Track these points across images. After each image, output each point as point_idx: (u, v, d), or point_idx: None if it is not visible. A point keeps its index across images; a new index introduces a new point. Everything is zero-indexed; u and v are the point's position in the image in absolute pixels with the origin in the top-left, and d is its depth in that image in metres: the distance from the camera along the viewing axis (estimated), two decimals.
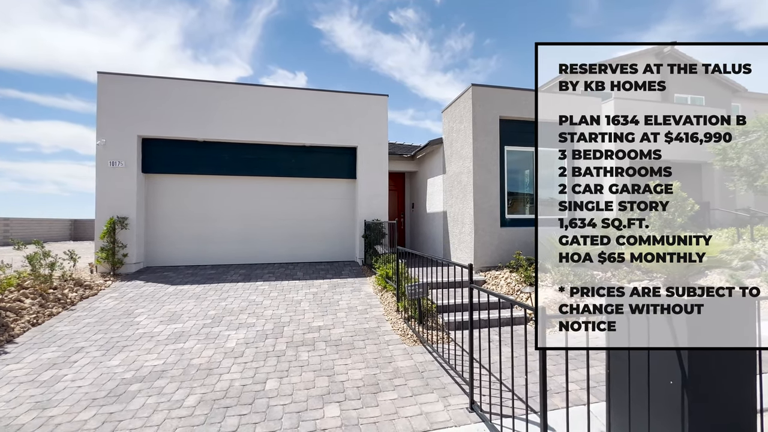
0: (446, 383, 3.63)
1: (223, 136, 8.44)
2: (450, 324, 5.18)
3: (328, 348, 4.46)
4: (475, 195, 7.18)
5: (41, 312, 5.24)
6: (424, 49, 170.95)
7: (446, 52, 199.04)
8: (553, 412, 3.02)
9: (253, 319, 5.33)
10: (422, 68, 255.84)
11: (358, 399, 3.35)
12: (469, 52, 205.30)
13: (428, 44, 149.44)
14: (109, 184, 7.71)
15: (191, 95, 8.23)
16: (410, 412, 3.14)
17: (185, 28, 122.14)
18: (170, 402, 3.29)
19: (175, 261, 8.41)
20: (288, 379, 3.71)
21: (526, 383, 2.59)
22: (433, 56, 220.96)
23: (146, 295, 6.35)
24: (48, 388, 3.53)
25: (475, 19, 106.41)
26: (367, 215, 8.86)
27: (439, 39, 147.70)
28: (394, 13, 79.21)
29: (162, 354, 4.26)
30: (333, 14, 67.98)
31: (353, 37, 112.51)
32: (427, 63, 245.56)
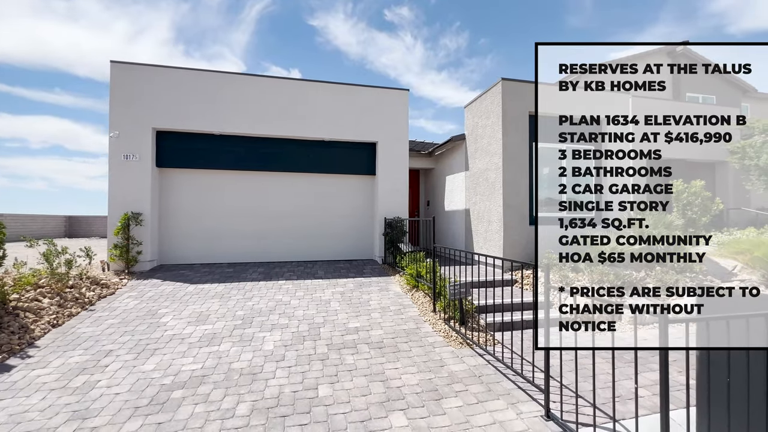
0: (509, 389, 3.43)
1: (238, 130, 8.15)
2: (491, 325, 4.98)
3: (372, 351, 4.24)
4: (504, 192, 6.99)
5: (60, 312, 4.94)
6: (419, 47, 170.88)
7: (441, 50, 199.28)
8: (629, 420, 2.84)
9: (285, 320, 5.09)
10: (417, 66, 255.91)
11: (421, 406, 3.14)
12: (463, 51, 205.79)
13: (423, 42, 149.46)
14: (122, 178, 7.39)
15: (206, 86, 7.93)
16: (482, 421, 2.94)
17: (177, 23, 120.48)
18: (221, 411, 3.05)
19: (189, 259, 8.11)
20: (340, 385, 3.49)
21: (593, 389, 2.41)
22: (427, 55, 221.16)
23: (166, 294, 6.07)
24: (83, 396, 3.27)
25: (469, 17, 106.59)
26: (386, 212, 8.64)
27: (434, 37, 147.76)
28: (389, 11, 78.94)
29: (198, 357, 4.01)
30: (327, 11, 67.50)
31: (348, 34, 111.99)
32: (422, 61, 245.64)
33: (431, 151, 10.47)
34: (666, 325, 1.99)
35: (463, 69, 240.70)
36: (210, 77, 7.98)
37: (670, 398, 2.03)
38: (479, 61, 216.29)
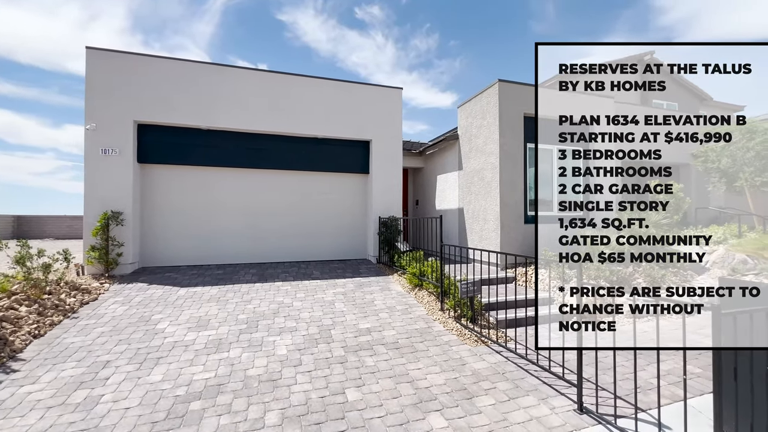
0: (535, 384, 3.49)
1: (227, 125, 7.77)
2: (501, 322, 5.05)
3: (390, 352, 4.17)
4: (501, 191, 7.13)
5: (41, 321, 4.48)
6: (390, 47, 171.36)
7: (411, 51, 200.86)
8: (653, 410, 2.97)
9: (292, 323, 4.90)
10: (388, 66, 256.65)
11: (456, 406, 3.12)
12: (434, 52, 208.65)
13: (394, 42, 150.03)
14: (100, 174, 6.83)
15: (193, 78, 7.50)
16: (520, 418, 2.96)
17: (134, 11, 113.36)
18: (249, 421, 2.87)
19: (173, 261, 7.64)
20: (368, 388, 3.39)
21: (614, 381, 2.50)
22: (398, 55, 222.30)
23: (156, 298, 5.67)
24: (88, 412, 2.97)
25: (439, 19, 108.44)
26: (381, 211, 8.57)
27: (405, 38, 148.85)
28: (360, 9, 78.58)
29: (208, 366, 3.76)
30: (296, 6, 66.16)
31: (318, 30, 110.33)
32: (393, 61, 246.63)
33: (422, 151, 10.51)
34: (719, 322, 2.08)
35: (434, 70, 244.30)
36: (198, 69, 7.56)
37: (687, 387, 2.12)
38: (449, 63, 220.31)
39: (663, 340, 4.14)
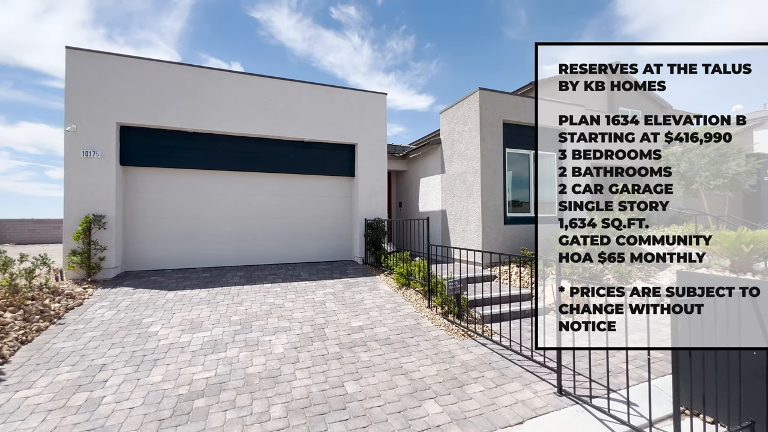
0: (519, 372, 3.79)
1: (212, 127, 7.76)
2: (486, 317, 5.37)
3: (383, 347, 4.38)
4: (482, 194, 7.50)
5: (28, 327, 4.40)
6: (366, 48, 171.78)
7: (388, 53, 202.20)
8: (622, 391, 3.33)
9: (285, 323, 5.03)
10: (364, 67, 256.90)
11: (448, 394, 3.37)
12: (410, 54, 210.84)
13: (370, 43, 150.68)
14: (81, 177, 6.68)
15: (179, 80, 7.46)
16: (507, 401, 3.24)
17: (95, 3, 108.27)
18: (255, 415, 3.01)
19: (158, 264, 7.55)
20: (365, 381, 3.59)
21: (589, 366, 2.82)
22: (375, 56, 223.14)
23: (144, 302, 5.64)
24: (91, 414, 3.01)
25: (415, 22, 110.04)
26: (366, 213, 8.77)
27: (381, 39, 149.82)
28: (336, 9, 78.51)
29: (207, 365, 3.85)
30: (270, 4, 65.32)
31: (292, 29, 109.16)
32: (369, 62, 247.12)
33: (405, 154, 10.80)
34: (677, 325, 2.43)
35: (411, 72, 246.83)
36: (183, 71, 7.51)
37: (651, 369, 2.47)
38: (425, 66, 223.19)
39: (630, 329, 4.56)
